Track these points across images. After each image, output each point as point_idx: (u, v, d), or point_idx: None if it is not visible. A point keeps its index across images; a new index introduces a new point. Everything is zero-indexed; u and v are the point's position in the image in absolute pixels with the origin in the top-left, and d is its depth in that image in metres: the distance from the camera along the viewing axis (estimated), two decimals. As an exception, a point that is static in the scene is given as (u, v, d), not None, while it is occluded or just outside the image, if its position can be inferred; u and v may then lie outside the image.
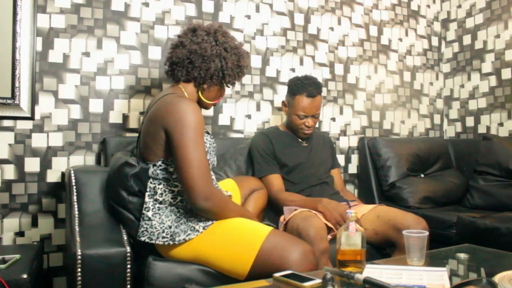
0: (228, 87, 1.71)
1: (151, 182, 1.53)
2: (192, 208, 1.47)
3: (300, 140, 2.20)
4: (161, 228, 1.47)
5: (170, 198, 1.52)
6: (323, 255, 1.57)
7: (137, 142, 1.66)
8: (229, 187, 1.85)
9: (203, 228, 1.46)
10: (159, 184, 1.52)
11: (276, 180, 2.07)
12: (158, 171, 1.52)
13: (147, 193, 1.53)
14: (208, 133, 1.66)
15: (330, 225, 1.79)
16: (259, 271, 1.35)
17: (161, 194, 1.52)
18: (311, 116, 2.10)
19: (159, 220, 1.49)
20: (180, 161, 1.41)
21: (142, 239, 1.48)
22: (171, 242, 1.45)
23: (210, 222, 1.48)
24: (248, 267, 1.38)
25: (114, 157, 1.72)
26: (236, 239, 1.43)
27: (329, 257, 1.60)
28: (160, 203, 1.52)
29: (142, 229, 1.49)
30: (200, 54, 1.57)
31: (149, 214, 1.50)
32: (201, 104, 1.67)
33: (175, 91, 1.58)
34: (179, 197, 1.53)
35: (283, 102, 2.20)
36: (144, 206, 1.51)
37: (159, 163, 1.51)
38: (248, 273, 1.38)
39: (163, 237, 1.46)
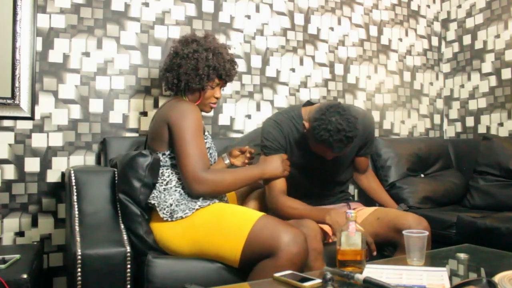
0: (203, 89, 1.69)
1: (160, 168, 1.64)
2: (190, 193, 1.56)
3: None
4: (164, 204, 1.55)
5: (175, 180, 1.62)
6: (317, 257, 1.54)
7: (145, 142, 1.78)
8: None
9: (199, 206, 1.53)
10: (166, 170, 1.63)
11: (279, 182, 1.77)
12: (167, 159, 1.64)
13: (160, 178, 1.63)
14: (207, 133, 1.76)
15: (326, 229, 1.77)
16: (251, 254, 1.39)
17: (168, 176, 1.62)
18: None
19: (164, 197, 1.57)
20: (178, 151, 1.56)
21: (152, 202, 1.57)
22: (169, 219, 1.52)
23: (206, 203, 1.54)
24: (239, 251, 1.40)
25: (119, 155, 1.76)
26: (228, 223, 1.47)
27: (323, 259, 1.59)
28: (167, 183, 1.61)
29: (153, 195, 1.58)
30: (163, 68, 1.75)
31: (161, 188, 1.61)
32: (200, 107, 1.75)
33: (177, 97, 1.74)
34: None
35: (303, 123, 1.73)
36: (158, 183, 1.63)
37: (168, 152, 1.64)
38: (240, 257, 1.40)
39: (163, 213, 1.53)
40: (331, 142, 1.58)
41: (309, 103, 1.90)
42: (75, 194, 1.59)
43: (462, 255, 1.40)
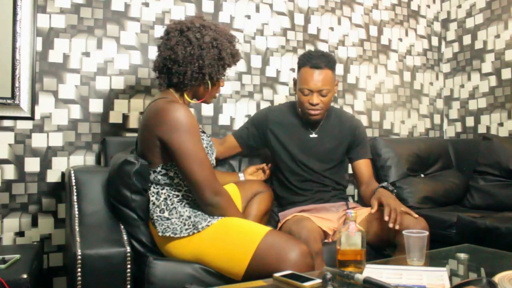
0: (217, 80, 1.62)
1: (154, 187, 1.55)
2: (202, 205, 1.49)
3: (310, 129, 1.98)
4: (181, 222, 1.49)
5: (176, 201, 1.53)
6: (317, 257, 1.55)
7: (135, 146, 1.67)
8: (231, 191, 1.84)
9: (216, 220, 1.48)
10: (162, 189, 1.54)
11: (228, 141, 2.08)
12: (159, 177, 1.54)
13: (153, 197, 1.54)
14: (204, 132, 1.66)
15: (326, 229, 1.77)
16: (256, 270, 1.35)
17: (166, 198, 1.53)
18: (316, 92, 1.84)
19: (177, 215, 1.50)
20: (184, 167, 1.46)
21: (167, 234, 1.48)
22: (195, 231, 1.46)
23: (220, 217, 1.49)
24: (244, 267, 1.38)
25: (114, 156, 1.72)
26: (234, 238, 1.44)
27: (323, 259, 1.60)
28: (171, 204, 1.53)
29: (164, 226, 1.49)
30: (174, 60, 1.54)
31: (166, 214, 1.51)
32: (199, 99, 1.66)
33: (166, 95, 1.59)
34: (185, 201, 1.55)
35: (293, 79, 2.01)
36: (158, 209, 1.52)
37: (159, 169, 1.53)
38: (244, 272, 1.38)
39: (186, 229, 1.47)
40: (311, 56, 1.86)
41: None
42: (75, 194, 1.59)
43: (462, 255, 1.40)
